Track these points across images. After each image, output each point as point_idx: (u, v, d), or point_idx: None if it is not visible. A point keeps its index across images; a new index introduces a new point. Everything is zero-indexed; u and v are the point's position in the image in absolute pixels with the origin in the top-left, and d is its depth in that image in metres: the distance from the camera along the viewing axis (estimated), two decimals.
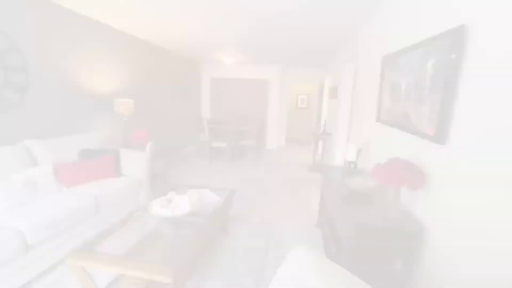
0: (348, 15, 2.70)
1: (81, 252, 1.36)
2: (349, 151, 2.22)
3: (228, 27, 3.32)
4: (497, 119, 0.98)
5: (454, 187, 1.20)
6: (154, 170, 4.30)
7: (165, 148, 5.28)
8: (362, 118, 2.89)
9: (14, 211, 1.79)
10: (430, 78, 1.39)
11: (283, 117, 7.44)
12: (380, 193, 1.82)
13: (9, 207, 1.81)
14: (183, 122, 6.09)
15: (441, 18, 1.40)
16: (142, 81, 4.40)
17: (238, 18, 2.96)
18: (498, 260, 0.95)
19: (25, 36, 2.47)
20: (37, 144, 2.37)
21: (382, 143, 2.19)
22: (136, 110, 4.14)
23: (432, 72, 1.38)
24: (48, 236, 1.77)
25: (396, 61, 1.88)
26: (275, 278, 0.93)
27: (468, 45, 1.15)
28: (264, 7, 2.58)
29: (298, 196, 3.60)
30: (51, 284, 1.75)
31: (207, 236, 1.65)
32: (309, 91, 8.82)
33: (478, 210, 1.05)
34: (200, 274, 1.90)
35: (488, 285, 0.98)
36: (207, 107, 7.23)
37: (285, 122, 7.49)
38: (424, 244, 1.42)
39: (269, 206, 3.22)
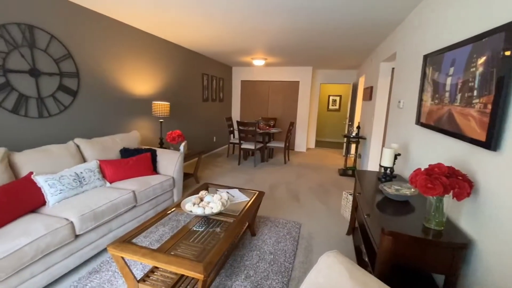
0: (387, 12, 2.57)
1: (120, 244, 1.47)
2: (385, 155, 2.10)
3: (259, 31, 3.36)
4: None
5: (509, 198, 1.08)
6: (186, 169, 4.48)
7: (197, 148, 5.49)
8: (399, 121, 2.72)
9: (66, 202, 1.99)
10: (481, 78, 1.27)
11: (313, 119, 7.30)
12: (419, 201, 1.70)
13: (62, 199, 2.02)
14: (214, 124, 6.27)
15: (494, 10, 1.27)
16: (178, 84, 4.63)
17: (270, 22, 2.97)
18: None
19: (78, 45, 2.74)
20: (84, 143, 2.61)
21: (422, 148, 2.04)
22: (171, 112, 4.37)
23: (483, 70, 1.26)
24: (93, 226, 1.94)
25: (440, 59, 1.74)
26: (305, 282, 0.91)
27: None
28: (297, 6, 2.56)
29: (328, 201, 3.49)
30: (96, 270, 1.91)
31: (236, 235, 1.68)
32: (341, 92, 8.55)
33: None
34: (227, 273, 1.93)
35: None
36: (237, 109, 7.37)
37: (315, 124, 7.35)
38: (471, 259, 1.29)
39: (298, 209, 3.17)
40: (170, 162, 3.01)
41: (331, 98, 8.65)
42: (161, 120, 3.85)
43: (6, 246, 1.47)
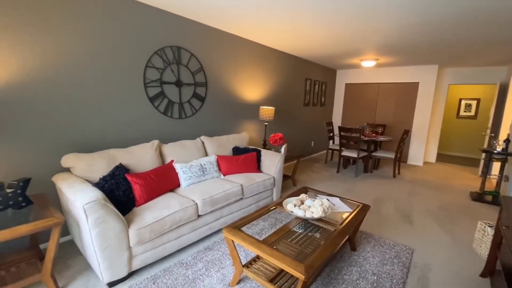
0: None
1: (232, 229, 1.69)
2: None
3: (371, 30, 3.09)
4: None
5: None
6: (284, 171, 4.65)
7: (295, 151, 5.60)
8: None
9: (192, 187, 2.46)
10: None
11: (436, 127, 6.07)
12: None
13: (190, 184, 2.51)
14: (313, 128, 6.23)
15: None
16: (282, 90, 4.87)
17: (385, 19, 2.70)
18: None
19: (207, 60, 3.34)
20: (207, 140, 3.14)
21: None
22: (274, 115, 4.65)
23: None
24: (210, 210, 2.31)
25: None
26: None
27: None
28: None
29: (454, 230, 2.83)
30: (209, 248, 2.26)
31: (336, 245, 1.61)
32: (479, 95, 6.75)
33: None
34: (324, 282, 1.88)
35: None
36: (338, 114, 7.05)
37: (438, 133, 6.09)
38: None
39: (409, 232, 2.72)
40: (272, 163, 3.20)
41: (463, 102, 6.96)
42: (266, 123, 4.16)
43: (155, 214, 1.96)
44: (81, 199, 1.60)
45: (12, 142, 1.96)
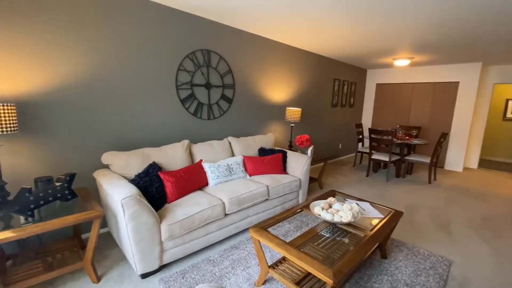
0: None
1: (259, 229, 1.70)
2: None
3: (406, 26, 2.93)
4: None
5: None
6: (310, 174, 4.57)
7: (321, 154, 5.47)
8: None
9: (219, 186, 2.51)
10: None
11: (479, 130, 5.59)
12: None
13: (217, 183, 2.57)
14: (340, 130, 6.05)
15: None
16: (309, 91, 4.80)
17: (422, 16, 2.55)
18: None
19: (235, 62, 3.40)
20: (234, 140, 3.19)
21: None
22: (301, 117, 4.59)
23: None
24: (236, 209, 2.35)
25: None
26: None
27: None
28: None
29: (499, 243, 2.58)
30: (235, 246, 2.30)
31: (366, 251, 1.55)
32: None
33: None
34: None
35: None
36: (369, 115, 6.77)
37: (481, 137, 5.59)
38: None
39: (447, 243, 2.54)
40: (298, 164, 3.17)
41: (511, 103, 6.32)
42: (292, 125, 4.12)
43: (185, 211, 2.03)
44: (118, 194, 1.72)
45: (60, 141, 2.16)
